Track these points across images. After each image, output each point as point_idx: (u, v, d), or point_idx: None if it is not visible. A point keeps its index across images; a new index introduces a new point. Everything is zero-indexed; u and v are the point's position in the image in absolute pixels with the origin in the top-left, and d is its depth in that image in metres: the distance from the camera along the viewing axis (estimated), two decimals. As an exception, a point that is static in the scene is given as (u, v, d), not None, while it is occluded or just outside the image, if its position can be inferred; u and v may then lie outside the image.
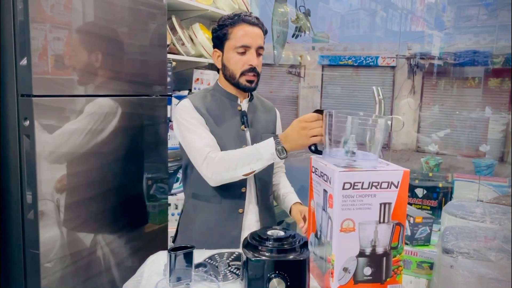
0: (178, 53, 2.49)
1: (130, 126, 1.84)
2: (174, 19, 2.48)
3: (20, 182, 1.53)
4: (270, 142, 1.40)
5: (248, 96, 1.65)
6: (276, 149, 1.38)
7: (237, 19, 1.53)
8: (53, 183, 1.55)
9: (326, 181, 1.16)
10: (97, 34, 1.69)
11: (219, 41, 1.58)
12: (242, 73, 1.54)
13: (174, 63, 2.41)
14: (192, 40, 2.61)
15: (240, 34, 1.52)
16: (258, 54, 1.56)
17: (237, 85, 1.57)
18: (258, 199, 1.62)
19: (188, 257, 1.19)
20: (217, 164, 1.45)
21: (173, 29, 2.46)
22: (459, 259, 1.59)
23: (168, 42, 2.30)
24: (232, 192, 1.57)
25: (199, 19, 2.76)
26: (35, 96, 1.47)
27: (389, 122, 1.23)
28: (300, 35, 4.19)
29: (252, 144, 1.57)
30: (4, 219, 1.59)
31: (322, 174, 1.19)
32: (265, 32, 1.59)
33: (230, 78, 1.57)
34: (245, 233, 1.57)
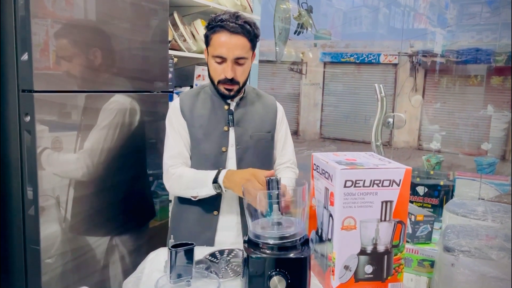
0: (180, 50, 2.49)
1: (131, 122, 1.83)
2: (176, 15, 2.47)
3: (21, 178, 1.52)
4: (214, 173, 1.46)
5: (241, 94, 1.60)
6: (213, 182, 1.45)
7: (218, 25, 1.46)
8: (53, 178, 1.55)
9: (327, 179, 1.15)
10: (98, 30, 1.68)
11: (205, 42, 1.54)
12: (219, 82, 1.51)
13: (175, 59, 2.41)
14: (193, 36, 2.60)
15: (217, 43, 1.46)
16: (239, 64, 1.49)
17: (217, 90, 1.55)
18: (242, 200, 1.55)
19: (189, 254, 1.19)
20: (173, 180, 1.53)
21: (174, 25, 2.45)
22: (460, 257, 1.59)
23: (169, 38, 2.30)
24: None
25: (201, 15, 2.75)
26: (36, 91, 1.47)
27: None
28: (302, 32, 4.18)
29: (236, 144, 1.55)
30: (5, 215, 1.59)
31: (323, 172, 1.18)
32: (252, 38, 1.50)
33: (212, 82, 1.56)
34: (222, 235, 1.57)
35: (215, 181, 1.44)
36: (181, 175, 1.52)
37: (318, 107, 10.13)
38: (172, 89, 2.26)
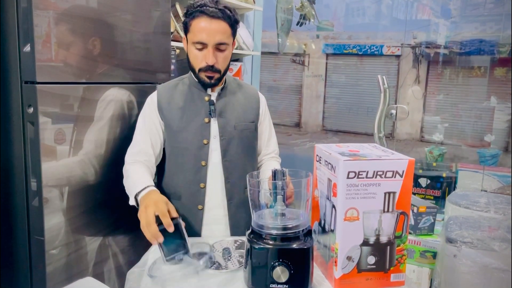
0: (182, 41, 2.48)
1: (133, 114, 1.83)
2: (178, 7, 2.46)
3: (24, 169, 1.53)
4: (137, 187, 1.35)
5: (222, 84, 1.58)
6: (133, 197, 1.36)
7: (197, 10, 1.43)
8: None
9: (330, 170, 1.15)
10: (100, 21, 1.67)
11: (184, 30, 1.51)
12: (200, 70, 1.48)
13: (178, 50, 2.40)
14: (196, 27, 2.59)
15: (197, 29, 1.43)
16: (220, 50, 1.46)
17: (198, 79, 1.52)
18: (228, 193, 1.55)
19: (176, 230, 1.18)
20: (124, 179, 1.49)
21: (177, 16, 2.44)
22: (463, 248, 1.60)
23: (172, 30, 2.29)
24: (190, 188, 1.53)
25: (203, 7, 2.74)
26: (38, 83, 1.47)
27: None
28: (305, 23, 4.16)
29: (221, 135, 1.52)
30: (9, 206, 1.60)
31: (326, 163, 1.18)
32: (233, 23, 1.47)
33: (192, 71, 1.53)
34: (209, 229, 1.55)
35: (132, 196, 1.37)
36: (127, 176, 1.47)
37: (321, 99, 10.09)
38: (174, 81, 2.25)
